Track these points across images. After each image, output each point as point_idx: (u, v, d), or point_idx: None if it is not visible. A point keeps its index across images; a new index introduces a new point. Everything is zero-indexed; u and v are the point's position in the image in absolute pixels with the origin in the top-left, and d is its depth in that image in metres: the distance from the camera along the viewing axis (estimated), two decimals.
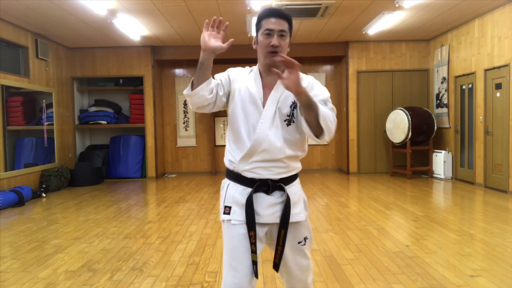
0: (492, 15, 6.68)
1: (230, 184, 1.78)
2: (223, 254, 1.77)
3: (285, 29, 1.72)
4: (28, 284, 3.11)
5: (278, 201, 1.74)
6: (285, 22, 1.72)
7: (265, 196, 1.72)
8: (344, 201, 6.19)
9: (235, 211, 1.72)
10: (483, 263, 3.36)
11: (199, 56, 1.65)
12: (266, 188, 1.72)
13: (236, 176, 1.76)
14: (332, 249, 3.84)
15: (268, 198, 1.72)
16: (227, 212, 1.74)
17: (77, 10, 6.18)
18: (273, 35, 1.70)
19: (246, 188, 1.72)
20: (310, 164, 9.85)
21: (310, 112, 1.61)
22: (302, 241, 1.80)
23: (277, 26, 1.70)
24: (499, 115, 6.60)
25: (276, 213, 1.73)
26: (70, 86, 8.95)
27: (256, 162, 1.71)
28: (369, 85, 9.11)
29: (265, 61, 1.75)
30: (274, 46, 1.69)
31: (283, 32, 1.71)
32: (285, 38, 1.72)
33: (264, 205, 1.72)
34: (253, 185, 1.71)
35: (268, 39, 1.71)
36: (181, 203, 6.31)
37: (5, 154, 6.70)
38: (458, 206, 5.79)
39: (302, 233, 1.80)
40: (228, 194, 1.77)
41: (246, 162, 1.72)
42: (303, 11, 6.45)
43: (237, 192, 1.74)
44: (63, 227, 4.90)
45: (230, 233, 1.73)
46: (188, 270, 3.35)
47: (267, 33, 1.71)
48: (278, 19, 1.71)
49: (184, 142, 9.84)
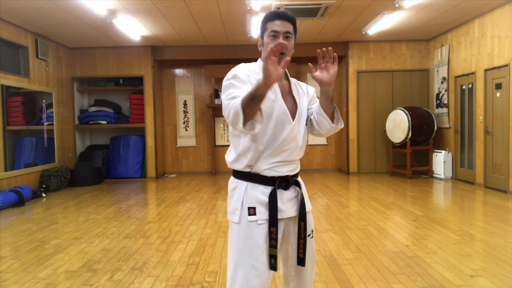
0: (492, 15, 6.68)
1: (249, 185, 1.75)
2: (234, 255, 1.73)
3: (290, 31, 1.75)
4: (28, 284, 3.11)
5: (294, 195, 1.80)
6: (290, 24, 1.75)
7: (284, 191, 1.77)
8: (344, 201, 6.19)
9: (260, 211, 1.73)
10: (483, 263, 3.36)
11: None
12: (285, 184, 1.77)
13: (254, 177, 1.75)
14: (332, 249, 3.84)
15: (287, 193, 1.78)
16: (252, 213, 1.73)
17: (77, 10, 6.18)
18: (278, 37, 1.73)
19: (267, 187, 1.74)
20: (310, 164, 9.85)
21: (330, 103, 1.76)
22: (311, 234, 1.85)
23: (282, 28, 1.73)
24: (499, 115, 6.60)
25: (293, 206, 1.79)
26: (70, 86, 8.95)
27: (278, 161, 1.74)
28: (369, 85, 9.11)
29: None
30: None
31: (289, 34, 1.74)
32: (290, 40, 1.75)
33: (284, 200, 1.76)
34: (272, 183, 1.74)
35: (274, 41, 1.72)
36: (181, 203, 6.31)
37: (5, 154, 6.70)
38: (458, 206, 5.79)
39: (310, 225, 1.85)
40: (250, 195, 1.74)
41: (268, 162, 1.73)
42: (303, 11, 6.45)
43: (258, 192, 1.74)
44: (63, 227, 4.90)
45: (251, 233, 1.71)
46: (188, 270, 3.35)
47: (273, 35, 1.73)
48: (283, 21, 1.73)
49: (184, 142, 9.84)
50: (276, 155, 1.73)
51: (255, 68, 1.80)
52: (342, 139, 9.55)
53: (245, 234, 1.72)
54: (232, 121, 1.54)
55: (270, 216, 1.71)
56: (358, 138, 9.13)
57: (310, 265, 1.86)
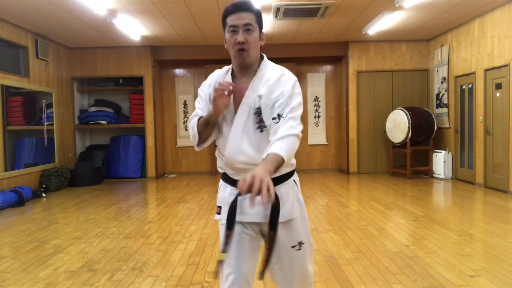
0: (492, 15, 6.68)
1: (222, 185, 1.79)
2: None
3: (250, 22, 1.60)
4: (28, 284, 3.11)
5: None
6: (250, 14, 1.61)
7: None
8: (344, 201, 6.19)
9: (224, 211, 1.69)
10: (483, 263, 3.36)
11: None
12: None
13: (226, 178, 1.77)
14: (332, 249, 3.84)
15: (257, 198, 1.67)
16: (218, 212, 1.76)
17: (77, 10, 6.18)
18: (238, 31, 1.60)
19: (234, 189, 1.69)
20: (310, 164, 9.85)
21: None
22: (296, 246, 1.69)
23: (240, 21, 1.59)
24: (499, 115, 6.60)
25: (261, 212, 1.63)
26: (70, 86, 8.95)
27: (238, 168, 1.68)
28: (369, 85, 9.11)
29: (236, 61, 1.68)
30: (240, 42, 1.60)
31: (249, 26, 1.60)
32: (252, 32, 1.61)
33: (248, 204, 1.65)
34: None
35: (234, 36, 1.61)
36: (181, 203, 6.31)
37: (5, 154, 6.70)
38: (458, 206, 5.79)
39: (295, 236, 1.70)
40: (220, 195, 1.78)
41: (230, 166, 1.71)
42: (303, 11, 6.44)
43: (226, 192, 1.74)
44: (63, 227, 4.90)
45: (220, 232, 1.74)
46: (188, 270, 3.35)
47: (232, 30, 1.62)
48: (241, 12, 1.60)
49: (184, 142, 9.84)
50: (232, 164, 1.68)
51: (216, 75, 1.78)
52: (342, 139, 9.55)
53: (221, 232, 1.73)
54: (193, 141, 1.76)
55: (227, 218, 1.58)
56: (358, 138, 9.13)
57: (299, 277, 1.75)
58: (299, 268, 1.74)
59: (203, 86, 1.80)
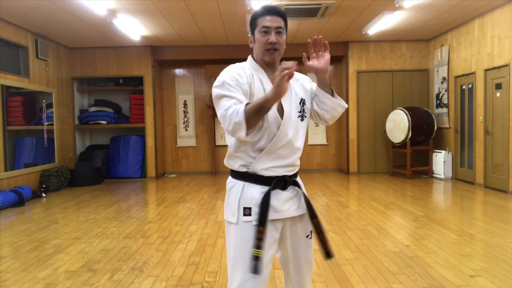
0: (492, 15, 6.68)
1: (246, 185, 1.72)
2: (232, 255, 1.72)
3: (281, 26, 1.73)
4: (28, 284, 3.11)
5: (292, 195, 1.77)
6: (280, 19, 1.73)
7: (281, 192, 1.74)
8: (344, 201, 6.19)
9: (255, 211, 1.68)
10: (483, 263, 3.36)
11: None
12: (282, 184, 1.74)
13: (251, 177, 1.72)
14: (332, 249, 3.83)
15: (285, 193, 1.74)
16: (247, 214, 1.70)
17: (77, 10, 6.18)
18: (270, 32, 1.71)
19: (264, 187, 1.70)
20: (310, 164, 9.85)
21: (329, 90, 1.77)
22: (309, 235, 1.83)
23: (273, 23, 1.71)
24: (499, 115, 6.60)
25: (291, 207, 1.76)
26: (70, 86, 8.95)
27: (274, 160, 1.71)
28: (369, 85, 9.11)
29: (264, 59, 1.75)
30: (273, 43, 1.71)
31: (280, 29, 1.73)
32: (282, 35, 1.74)
33: (281, 200, 1.73)
34: (269, 183, 1.70)
35: (266, 37, 1.71)
36: (181, 203, 6.31)
37: (5, 154, 6.70)
38: (458, 206, 5.79)
39: (308, 226, 1.82)
40: (246, 195, 1.71)
41: (263, 162, 1.70)
42: (303, 11, 6.44)
43: (255, 192, 1.70)
44: (63, 227, 4.90)
45: (247, 233, 1.68)
46: (188, 270, 3.35)
47: (264, 31, 1.72)
48: (274, 16, 1.72)
49: (184, 142, 9.84)
50: (270, 155, 1.70)
51: (245, 68, 1.74)
52: (342, 139, 9.55)
53: (241, 234, 1.69)
54: (233, 131, 1.57)
55: (259, 215, 1.65)
56: (358, 138, 9.13)
57: (308, 265, 1.85)
58: (311, 256, 1.86)
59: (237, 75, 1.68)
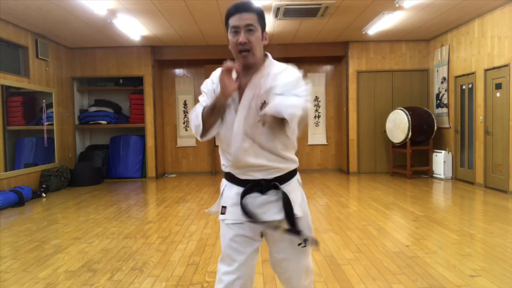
0: (492, 15, 6.68)
1: (227, 185, 1.79)
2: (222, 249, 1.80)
3: (252, 23, 1.61)
4: (28, 284, 3.11)
5: (271, 199, 1.70)
6: (251, 14, 1.61)
7: (258, 195, 1.70)
8: (344, 201, 6.19)
9: (230, 211, 1.73)
10: (483, 263, 3.36)
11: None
12: (260, 188, 1.70)
13: (231, 177, 1.77)
14: (332, 249, 3.84)
15: (260, 198, 1.70)
16: (223, 212, 1.76)
17: (77, 10, 6.18)
18: (239, 32, 1.61)
19: (241, 189, 1.72)
20: (310, 164, 9.85)
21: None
22: (302, 243, 1.73)
23: (242, 22, 1.60)
24: (499, 115, 6.60)
25: (269, 211, 1.69)
26: (70, 86, 8.95)
27: (245, 167, 1.70)
28: (369, 85, 9.11)
29: (239, 62, 1.66)
30: (242, 43, 1.61)
31: (251, 26, 1.61)
32: (254, 33, 1.62)
33: (256, 204, 1.70)
34: (245, 185, 1.71)
35: (235, 37, 1.62)
36: (181, 203, 6.31)
37: (5, 154, 6.70)
38: (458, 206, 5.79)
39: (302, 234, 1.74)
40: (225, 195, 1.78)
41: (237, 166, 1.71)
42: (303, 11, 6.44)
43: (232, 192, 1.75)
44: (63, 227, 4.90)
45: (224, 231, 1.76)
46: (188, 270, 3.35)
47: (234, 31, 1.62)
48: (243, 13, 1.60)
49: (184, 142, 9.84)
50: (239, 159, 1.67)
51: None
52: (342, 139, 9.55)
53: (222, 230, 1.78)
54: (195, 133, 1.70)
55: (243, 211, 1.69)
56: (358, 138, 9.12)
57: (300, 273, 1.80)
58: (305, 263, 1.81)
59: (205, 84, 1.77)
